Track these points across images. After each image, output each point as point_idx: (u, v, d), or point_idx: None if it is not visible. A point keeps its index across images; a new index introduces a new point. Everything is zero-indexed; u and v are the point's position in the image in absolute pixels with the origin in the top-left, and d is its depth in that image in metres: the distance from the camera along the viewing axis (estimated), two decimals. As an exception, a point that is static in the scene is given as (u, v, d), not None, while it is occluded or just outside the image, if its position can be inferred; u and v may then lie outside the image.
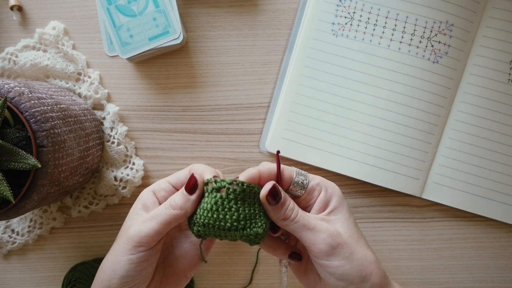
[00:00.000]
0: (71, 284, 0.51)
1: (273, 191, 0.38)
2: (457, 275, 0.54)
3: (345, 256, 0.37)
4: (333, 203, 0.40)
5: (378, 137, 0.52)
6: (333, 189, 0.41)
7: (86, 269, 0.51)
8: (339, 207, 0.40)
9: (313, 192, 0.41)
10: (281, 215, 0.38)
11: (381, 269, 0.39)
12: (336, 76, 0.52)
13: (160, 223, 0.38)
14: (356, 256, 0.37)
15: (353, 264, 0.37)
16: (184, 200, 0.38)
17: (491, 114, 0.52)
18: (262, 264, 0.54)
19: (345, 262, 0.37)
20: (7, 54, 0.52)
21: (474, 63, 0.52)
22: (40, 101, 0.40)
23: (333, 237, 0.37)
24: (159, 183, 0.43)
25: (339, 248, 0.37)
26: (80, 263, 0.52)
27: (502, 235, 0.53)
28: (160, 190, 0.42)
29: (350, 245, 0.37)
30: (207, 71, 0.54)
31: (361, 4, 0.52)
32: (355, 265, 0.37)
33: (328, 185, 0.41)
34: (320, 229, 0.37)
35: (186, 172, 0.43)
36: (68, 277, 0.51)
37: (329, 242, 0.37)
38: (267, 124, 0.53)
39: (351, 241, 0.38)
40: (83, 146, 0.45)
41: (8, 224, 0.53)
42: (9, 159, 0.36)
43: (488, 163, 0.52)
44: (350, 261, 0.37)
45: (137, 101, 0.54)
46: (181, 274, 0.42)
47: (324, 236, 0.37)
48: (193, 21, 0.54)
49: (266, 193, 0.38)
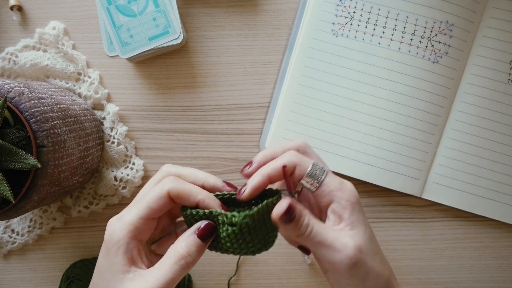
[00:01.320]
0: (69, 281, 0.51)
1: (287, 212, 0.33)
2: (457, 275, 0.54)
3: (362, 275, 0.35)
4: (348, 217, 0.36)
5: (378, 137, 0.52)
6: (347, 201, 0.36)
7: (85, 266, 0.51)
8: (355, 221, 0.36)
9: (322, 198, 0.36)
10: (295, 232, 0.34)
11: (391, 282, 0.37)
12: (336, 76, 0.52)
13: (173, 285, 0.33)
14: (372, 276, 0.35)
15: (365, 285, 0.35)
16: (200, 250, 0.34)
17: (491, 114, 0.52)
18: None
19: (360, 280, 0.35)
20: (7, 54, 0.52)
21: (474, 63, 0.52)
22: (40, 101, 0.40)
23: (352, 257, 0.34)
24: (135, 223, 0.34)
25: (357, 268, 0.34)
26: (79, 261, 0.52)
27: (502, 235, 0.53)
28: (141, 232, 0.34)
29: (366, 265, 0.35)
30: (207, 71, 0.54)
31: (361, 4, 0.52)
32: (368, 285, 0.35)
33: (343, 195, 0.36)
34: (337, 248, 0.34)
35: (163, 202, 0.35)
36: (66, 273, 0.51)
37: (347, 262, 0.34)
38: (267, 124, 0.53)
39: (367, 258, 0.35)
40: (83, 146, 0.45)
41: (8, 224, 0.53)
42: (9, 159, 0.36)
43: (488, 163, 0.52)
44: (363, 281, 0.35)
45: (137, 101, 0.54)
46: None
47: (342, 256, 0.34)
48: (193, 21, 0.54)
49: (279, 215, 0.33)
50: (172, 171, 0.37)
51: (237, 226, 0.33)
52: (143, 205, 0.34)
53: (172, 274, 0.33)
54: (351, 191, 0.37)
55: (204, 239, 0.34)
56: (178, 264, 0.33)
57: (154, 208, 0.34)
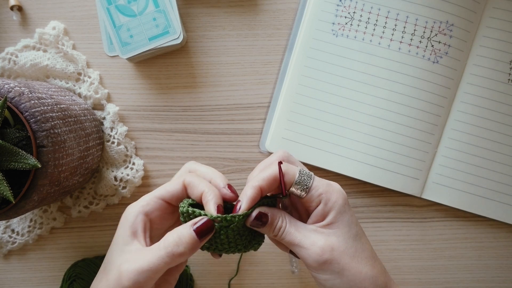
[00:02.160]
0: (71, 280, 0.51)
1: (257, 217, 0.37)
2: (457, 275, 0.54)
3: (335, 271, 0.36)
4: (330, 218, 0.38)
5: (378, 137, 0.52)
6: (334, 202, 0.38)
7: (87, 265, 0.51)
8: (337, 222, 0.38)
9: (311, 202, 0.38)
10: (270, 234, 0.38)
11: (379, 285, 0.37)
12: (336, 76, 0.52)
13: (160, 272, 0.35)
14: (348, 272, 0.36)
15: (343, 279, 0.36)
16: (194, 246, 0.35)
17: (491, 114, 0.52)
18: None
19: (335, 276, 0.36)
20: (7, 54, 0.52)
21: (474, 63, 0.52)
22: (40, 101, 0.40)
23: (319, 253, 0.36)
24: (148, 201, 0.38)
25: (327, 264, 0.36)
26: (81, 260, 0.52)
27: (502, 235, 0.53)
28: (153, 211, 0.38)
29: (340, 261, 0.36)
30: (207, 71, 0.54)
31: (361, 4, 0.52)
32: (346, 281, 0.36)
33: (331, 197, 0.38)
34: (305, 245, 0.37)
35: (180, 186, 0.39)
36: (68, 272, 0.51)
37: (315, 258, 0.36)
38: (267, 124, 0.53)
39: (343, 256, 0.36)
40: (83, 146, 0.45)
41: (8, 224, 0.53)
42: (9, 159, 0.36)
43: (488, 163, 0.52)
44: (340, 276, 0.36)
45: (137, 101, 0.54)
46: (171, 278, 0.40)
47: (310, 252, 0.37)
48: (193, 21, 0.54)
49: (249, 222, 0.37)
50: (192, 167, 0.42)
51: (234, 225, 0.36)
52: (160, 188, 0.39)
53: (158, 260, 0.34)
54: (339, 192, 0.38)
55: (200, 235, 0.35)
56: (165, 251, 0.35)
57: (169, 191, 0.39)
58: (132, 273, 0.34)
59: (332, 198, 0.38)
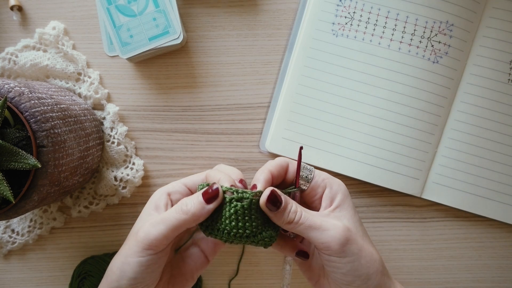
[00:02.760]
0: (81, 277, 0.51)
1: (272, 198, 0.37)
2: (457, 275, 0.54)
3: (355, 252, 0.37)
4: (338, 200, 0.40)
5: (378, 137, 0.52)
6: (338, 186, 0.40)
7: (97, 262, 0.51)
8: (344, 204, 0.40)
9: (317, 188, 0.41)
10: (284, 219, 0.37)
11: (385, 268, 0.39)
12: (336, 76, 0.52)
13: (169, 227, 0.37)
14: (365, 253, 0.37)
15: (361, 260, 0.37)
16: (199, 207, 0.37)
17: (491, 114, 0.52)
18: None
19: (355, 258, 0.37)
20: (7, 54, 0.52)
21: (474, 63, 0.52)
22: (40, 101, 0.40)
23: (342, 233, 0.36)
24: (174, 185, 0.42)
25: (349, 245, 0.36)
26: (90, 257, 0.52)
27: (502, 235, 0.53)
28: (175, 193, 0.42)
29: (358, 241, 0.37)
30: (207, 71, 0.54)
31: (361, 4, 0.52)
32: (364, 262, 0.37)
33: (334, 182, 0.41)
34: (327, 227, 0.37)
35: (203, 177, 0.42)
36: (78, 270, 0.51)
37: (338, 238, 0.36)
38: (267, 124, 0.53)
39: (358, 237, 0.38)
40: (83, 146, 0.45)
41: (8, 224, 0.53)
42: (9, 159, 0.36)
43: (488, 163, 0.52)
44: (359, 257, 0.37)
45: (137, 101, 0.54)
46: (188, 275, 0.42)
47: (333, 233, 0.36)
48: (193, 21, 0.54)
49: (265, 200, 0.37)
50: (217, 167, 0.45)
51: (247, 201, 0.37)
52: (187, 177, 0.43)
53: (168, 215, 0.38)
54: (338, 180, 0.42)
55: (207, 199, 0.37)
56: (175, 208, 0.38)
57: (192, 179, 0.43)
58: (147, 227, 0.38)
59: (335, 183, 0.41)
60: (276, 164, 0.41)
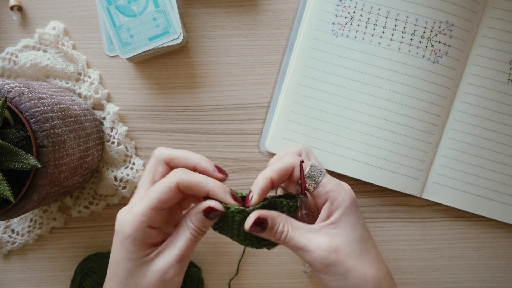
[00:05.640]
0: (83, 273, 0.51)
1: (257, 222, 0.36)
2: (457, 275, 0.54)
3: (340, 273, 0.36)
4: (334, 217, 0.38)
5: (378, 137, 0.52)
6: (341, 202, 0.38)
7: (100, 259, 0.51)
8: (342, 222, 0.38)
9: (318, 199, 0.39)
10: (271, 238, 0.38)
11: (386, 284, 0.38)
12: (336, 76, 0.52)
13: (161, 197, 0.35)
14: (353, 274, 0.36)
15: (347, 281, 0.36)
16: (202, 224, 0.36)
17: (491, 114, 0.52)
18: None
19: (340, 278, 0.36)
20: (7, 54, 0.52)
21: (474, 63, 0.52)
22: (40, 101, 0.40)
23: (324, 256, 0.36)
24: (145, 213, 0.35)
25: (332, 266, 0.36)
26: (94, 254, 0.52)
27: (502, 235, 0.53)
28: (153, 222, 0.36)
29: (346, 263, 0.36)
30: (207, 71, 0.54)
31: (361, 4, 0.52)
32: (350, 283, 0.36)
33: (338, 197, 0.38)
34: (309, 248, 0.36)
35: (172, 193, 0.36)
36: (81, 266, 0.51)
37: (320, 261, 0.36)
38: (267, 124, 0.53)
39: (348, 258, 0.37)
40: (83, 146, 0.45)
41: (8, 224, 0.53)
42: (9, 159, 0.36)
43: (488, 163, 0.52)
44: (345, 277, 0.36)
45: (137, 101, 0.54)
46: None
47: (315, 255, 0.36)
48: (193, 21, 0.54)
49: (250, 225, 0.36)
50: (165, 154, 0.39)
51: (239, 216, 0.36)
52: (152, 196, 0.36)
53: (185, 244, 0.36)
54: (347, 192, 0.39)
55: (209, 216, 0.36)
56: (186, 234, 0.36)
57: (164, 200, 0.36)
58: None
59: (339, 198, 0.38)
60: (279, 169, 0.39)
